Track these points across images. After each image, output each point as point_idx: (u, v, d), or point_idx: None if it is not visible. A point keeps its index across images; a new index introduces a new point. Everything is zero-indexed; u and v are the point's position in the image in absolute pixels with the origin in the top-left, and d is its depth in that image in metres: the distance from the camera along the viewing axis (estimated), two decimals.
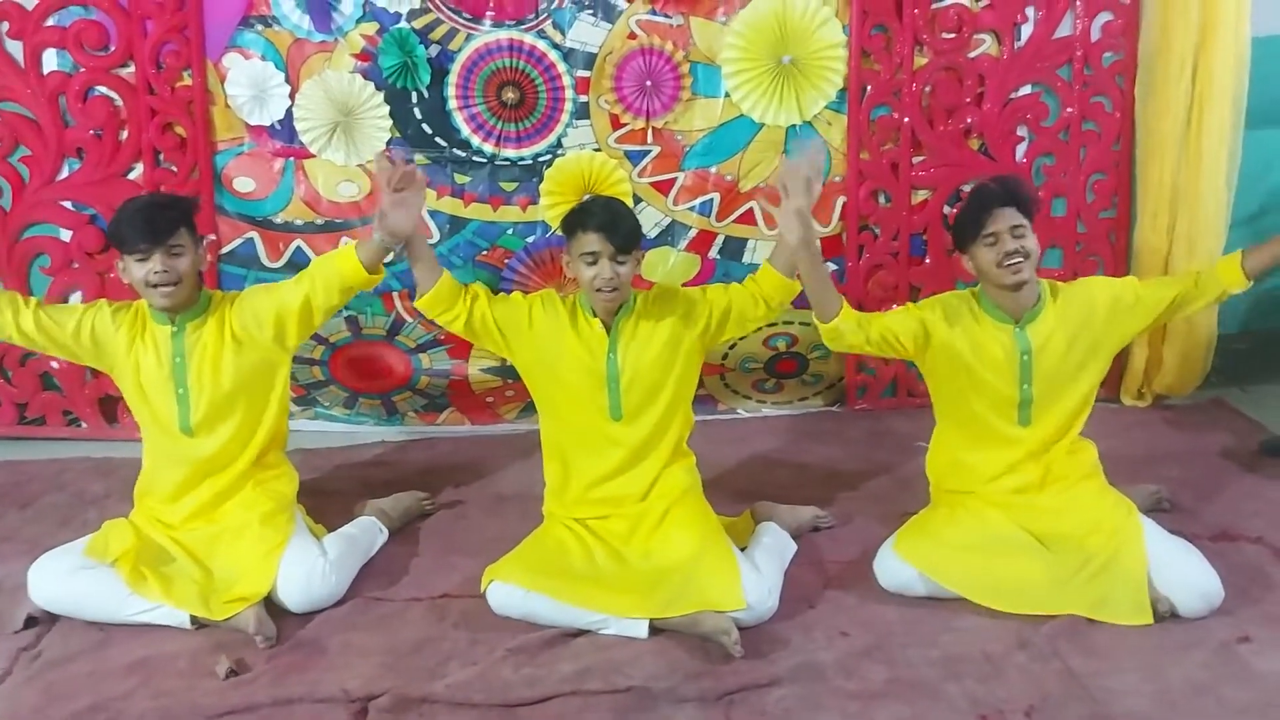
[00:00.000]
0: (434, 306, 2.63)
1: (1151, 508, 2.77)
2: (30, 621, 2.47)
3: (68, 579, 2.46)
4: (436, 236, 3.46)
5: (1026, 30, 3.57)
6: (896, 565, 2.50)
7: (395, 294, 3.49)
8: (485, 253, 3.48)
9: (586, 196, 3.24)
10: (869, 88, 3.52)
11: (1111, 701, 2.10)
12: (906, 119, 3.56)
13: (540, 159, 3.44)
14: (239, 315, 2.60)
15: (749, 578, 2.39)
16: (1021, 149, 3.65)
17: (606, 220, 2.52)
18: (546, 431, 2.70)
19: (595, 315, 2.60)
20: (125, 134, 3.39)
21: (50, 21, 3.33)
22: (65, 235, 3.48)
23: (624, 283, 2.53)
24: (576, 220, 2.56)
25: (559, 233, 3.44)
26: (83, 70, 3.35)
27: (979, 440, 2.63)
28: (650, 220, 3.48)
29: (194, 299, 2.56)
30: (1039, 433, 2.58)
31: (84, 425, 3.61)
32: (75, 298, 3.51)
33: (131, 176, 3.42)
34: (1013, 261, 2.48)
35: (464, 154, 3.42)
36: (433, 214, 3.44)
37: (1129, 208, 3.73)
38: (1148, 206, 3.65)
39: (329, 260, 2.63)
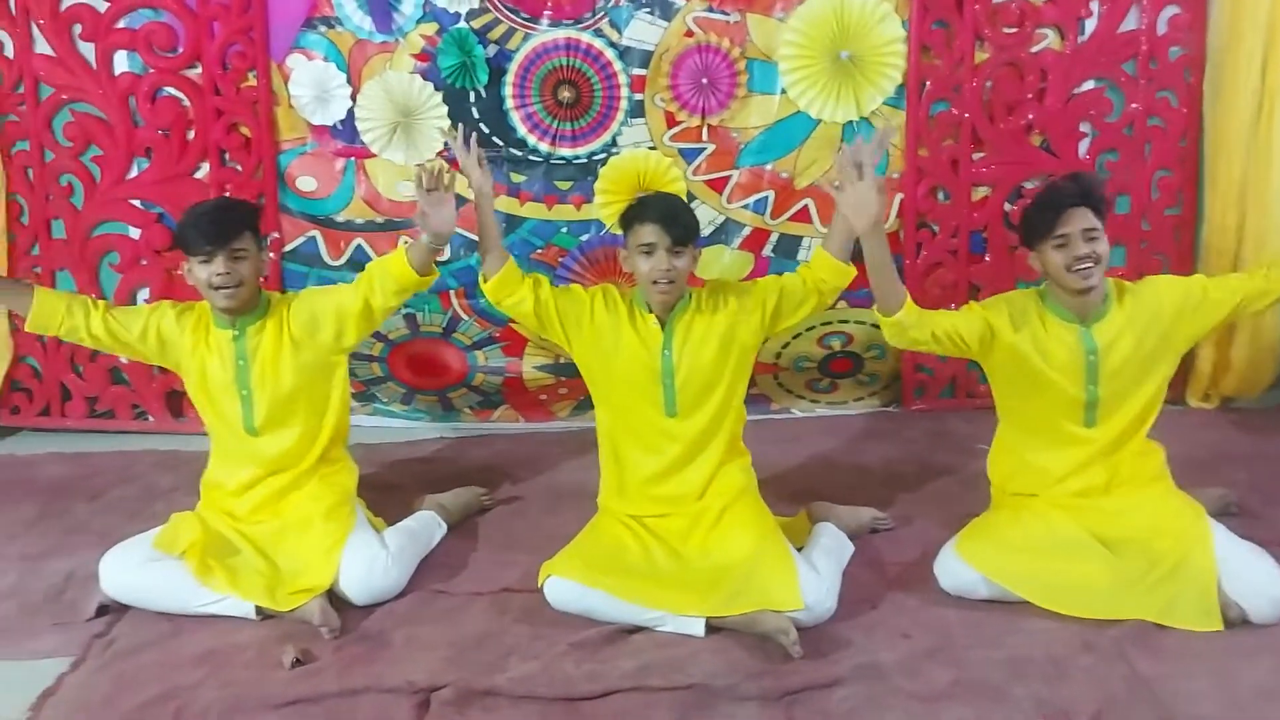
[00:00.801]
0: (500, 290, 2.65)
1: (1220, 511, 2.71)
2: (102, 610, 2.52)
3: (138, 571, 2.51)
4: None
5: (1090, 24, 3.51)
6: (959, 567, 2.47)
7: (452, 292, 3.53)
8: (540, 251, 3.50)
9: (640, 194, 3.24)
10: (928, 83, 3.49)
11: (1179, 706, 2.06)
12: (966, 115, 3.52)
13: (595, 158, 3.46)
14: (297, 317, 2.64)
15: (807, 578, 2.38)
16: (1084, 145, 3.59)
17: (664, 212, 2.53)
18: (602, 426, 2.71)
19: (651, 311, 2.61)
20: (192, 134, 3.47)
21: (121, 24, 3.42)
22: (134, 233, 3.56)
23: (680, 276, 2.53)
24: (634, 213, 2.57)
25: (613, 231, 3.50)
26: (152, 71, 3.43)
27: (1044, 442, 2.59)
28: (704, 218, 3.47)
29: (255, 302, 2.61)
30: (1106, 434, 2.54)
31: (151, 419, 3.70)
32: (143, 294, 3.60)
33: (198, 176, 3.50)
34: (1083, 266, 2.43)
35: (520, 153, 3.44)
36: None
37: (1195, 205, 3.65)
38: (1216, 204, 3.57)
39: (383, 263, 2.66)
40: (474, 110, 3.41)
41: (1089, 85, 3.55)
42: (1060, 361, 2.52)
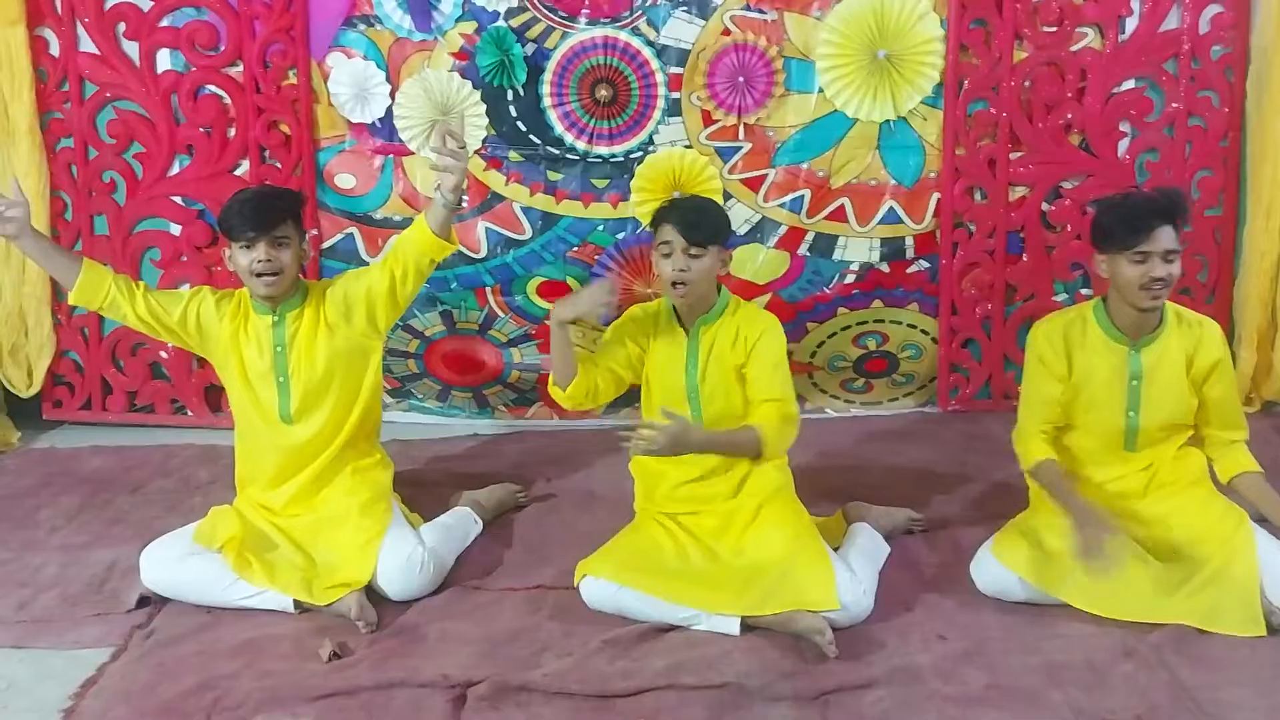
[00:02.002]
0: (575, 400, 2.64)
1: (1262, 517, 2.67)
2: (142, 601, 2.56)
3: (177, 565, 2.54)
4: (529, 233, 3.50)
5: (1131, 23, 3.48)
6: (996, 569, 2.46)
7: (489, 289, 3.54)
8: (576, 249, 3.51)
9: (676, 194, 3.24)
10: (966, 82, 3.46)
11: (1223, 715, 2.03)
12: (1005, 114, 3.49)
13: (632, 156, 3.46)
14: (331, 302, 2.65)
15: (843, 578, 2.37)
16: (1124, 145, 3.55)
17: (685, 213, 2.51)
18: None
19: (679, 320, 2.59)
20: (233, 131, 3.51)
21: (164, 22, 3.46)
22: (175, 229, 3.60)
23: (697, 278, 2.48)
24: (660, 213, 2.56)
25: (649, 230, 3.49)
26: (194, 69, 3.47)
27: (1082, 459, 2.56)
28: (740, 217, 3.48)
29: (294, 290, 2.63)
30: (1146, 457, 2.51)
31: (190, 413, 3.74)
32: (183, 290, 3.62)
33: (238, 173, 3.54)
34: (1156, 289, 2.38)
35: (557, 151, 3.45)
36: (525, 210, 3.49)
37: (1236, 206, 3.61)
38: (1259, 205, 3.53)
39: (404, 236, 2.66)
40: (512, 109, 3.43)
41: (1129, 84, 3.51)
42: (1103, 387, 2.49)
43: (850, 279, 3.56)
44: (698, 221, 2.49)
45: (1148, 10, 3.46)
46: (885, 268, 3.57)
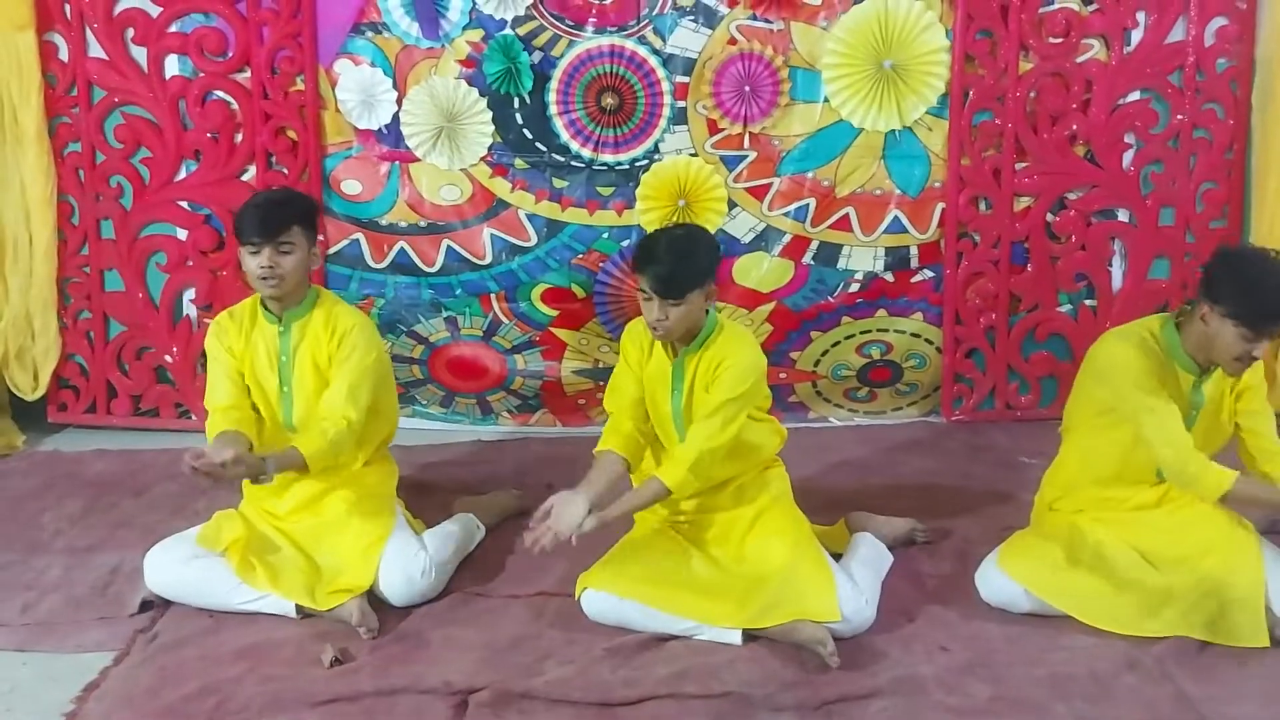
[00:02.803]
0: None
1: (1268, 528, 2.66)
2: (145, 605, 2.56)
3: (181, 567, 2.54)
4: (534, 240, 3.51)
5: (1136, 35, 3.48)
6: (1001, 580, 2.45)
7: (493, 295, 3.55)
8: (581, 256, 3.52)
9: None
10: (971, 92, 3.47)
11: None
12: (1010, 124, 3.49)
13: (637, 164, 3.47)
14: (340, 341, 2.62)
15: (845, 589, 2.37)
16: (1129, 156, 3.56)
17: (660, 268, 2.38)
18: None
19: (665, 346, 2.55)
20: (240, 137, 3.51)
21: (173, 28, 3.47)
22: (181, 234, 3.61)
23: (673, 325, 2.42)
24: (638, 259, 2.46)
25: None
26: (202, 75, 3.48)
27: (1110, 480, 2.53)
28: (745, 225, 3.49)
29: (301, 295, 2.63)
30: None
31: (194, 417, 3.73)
32: (188, 294, 3.66)
33: (245, 178, 3.54)
34: (1246, 366, 2.35)
35: (562, 159, 3.46)
36: (530, 217, 3.50)
37: (1240, 218, 3.61)
38: (1264, 217, 3.53)
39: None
40: (518, 116, 3.44)
41: (1134, 96, 3.52)
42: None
43: (854, 288, 3.57)
44: (672, 278, 2.37)
45: (1153, 22, 3.46)
46: (890, 277, 3.57)
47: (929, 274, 3.60)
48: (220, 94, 3.50)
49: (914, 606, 2.50)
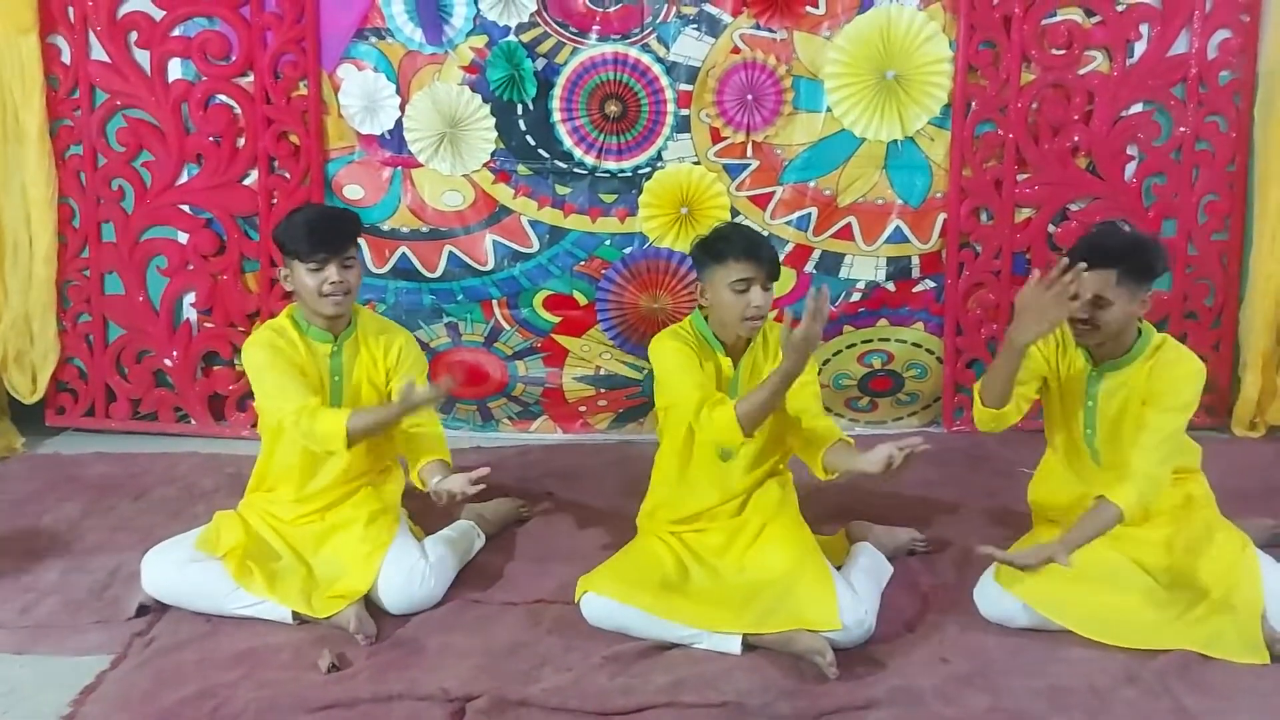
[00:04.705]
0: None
1: (1268, 543, 2.65)
2: (142, 609, 2.55)
3: (178, 571, 2.53)
4: (536, 246, 3.51)
5: (1139, 47, 3.49)
6: (999, 595, 2.44)
7: (495, 302, 3.55)
8: (583, 263, 3.52)
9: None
10: (974, 103, 3.47)
11: None
12: (1011, 135, 3.50)
13: (640, 171, 3.47)
14: (400, 361, 2.64)
15: (845, 598, 2.35)
16: (1131, 168, 3.56)
17: (753, 246, 2.45)
18: (664, 458, 2.65)
19: (722, 349, 2.55)
20: (242, 141, 3.52)
21: (176, 32, 3.48)
22: (183, 238, 3.61)
23: (768, 311, 2.49)
24: (720, 248, 2.47)
25: (656, 245, 3.50)
26: (205, 79, 3.49)
27: (1070, 472, 2.57)
28: None
29: (350, 313, 2.62)
30: (1115, 475, 2.46)
31: (194, 422, 3.74)
32: (189, 298, 3.66)
33: (247, 182, 3.55)
34: (1077, 327, 2.39)
35: (565, 166, 3.47)
36: (533, 224, 3.50)
37: (1242, 230, 3.61)
38: (1265, 230, 3.53)
39: (421, 438, 2.65)
40: (521, 123, 3.44)
41: (1137, 108, 3.52)
42: (1071, 398, 2.52)
43: (856, 297, 3.57)
44: (769, 253, 2.47)
45: (1156, 34, 3.47)
46: (891, 287, 3.57)
47: (930, 284, 3.60)
48: (223, 98, 3.50)
49: (913, 617, 2.49)
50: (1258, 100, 3.51)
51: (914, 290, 3.59)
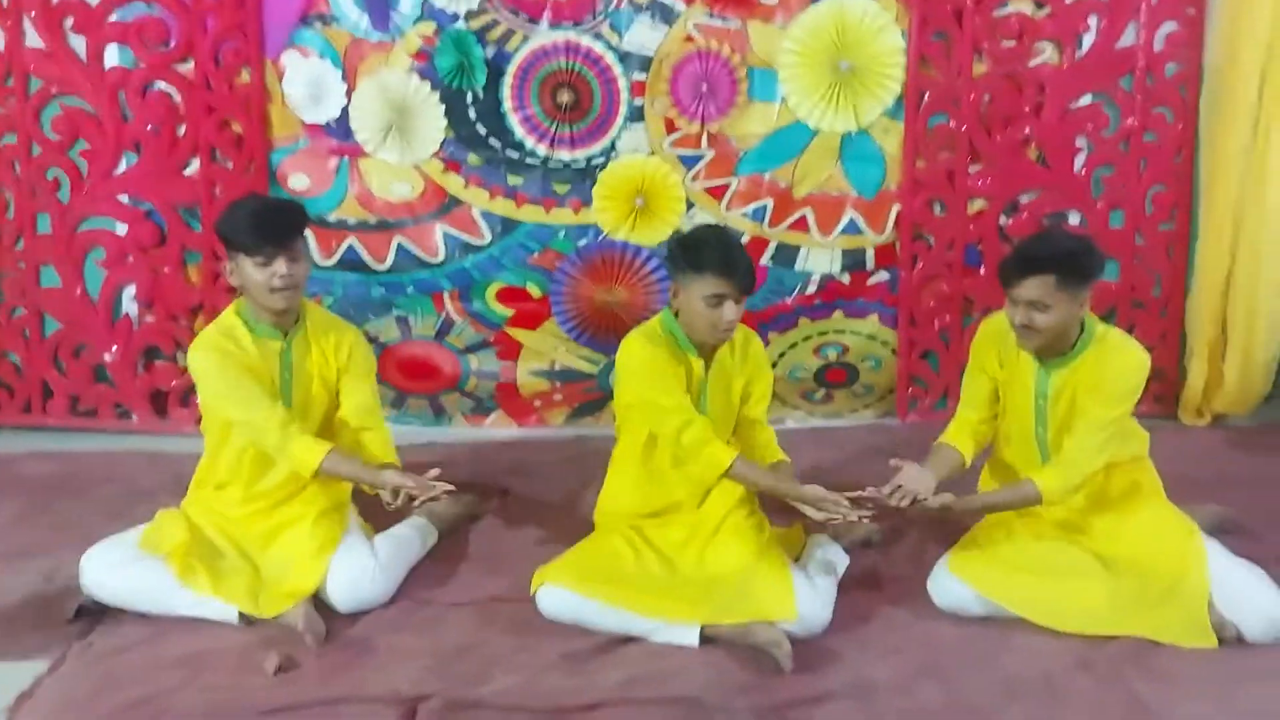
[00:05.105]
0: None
1: (1215, 529, 2.69)
2: (81, 611, 2.47)
3: (120, 570, 2.46)
4: (488, 238, 3.46)
5: (1088, 39, 3.52)
6: (952, 584, 2.45)
7: (445, 294, 3.49)
8: (537, 255, 3.48)
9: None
10: (927, 95, 3.48)
11: None
12: (964, 127, 3.51)
13: (594, 162, 3.43)
14: (352, 358, 2.61)
15: (802, 590, 2.36)
16: (1080, 160, 3.59)
17: (731, 261, 2.40)
18: (623, 454, 2.64)
19: (694, 350, 2.52)
20: (183, 129, 3.42)
21: (113, 17, 3.37)
22: (121, 229, 3.51)
23: (739, 321, 2.47)
24: (698, 259, 2.41)
25: (611, 236, 3.47)
26: (143, 66, 3.39)
27: (1019, 465, 2.59)
28: None
29: (298, 308, 2.56)
30: None
31: (135, 418, 3.64)
32: (129, 291, 3.56)
33: (188, 172, 3.45)
34: (1018, 331, 2.42)
35: (517, 155, 3.42)
36: (485, 215, 3.45)
37: (1189, 221, 3.66)
38: (1211, 221, 3.58)
39: (368, 448, 2.62)
40: (471, 111, 3.39)
41: (1086, 100, 3.55)
42: (1020, 398, 2.53)
43: (811, 289, 3.56)
44: (745, 267, 2.42)
45: (1104, 27, 3.50)
46: (846, 279, 3.57)
47: (885, 276, 3.61)
48: (162, 85, 3.40)
49: (869, 608, 2.49)
50: (1203, 92, 3.55)
51: (869, 282, 3.60)
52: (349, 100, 3.36)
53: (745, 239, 3.49)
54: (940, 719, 2.09)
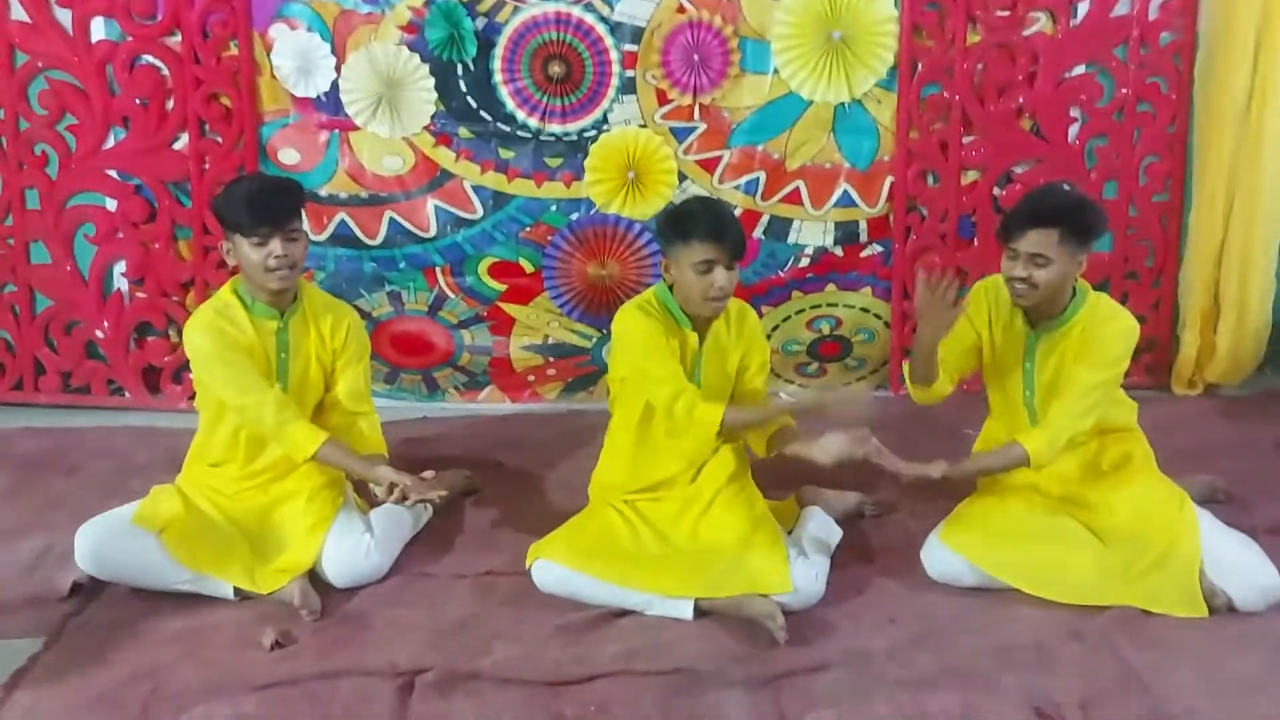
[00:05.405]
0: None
1: (1206, 499, 2.71)
2: (76, 588, 2.47)
3: (115, 546, 2.44)
4: (480, 212, 3.44)
5: (1082, 8, 3.50)
6: (945, 555, 2.46)
7: (438, 269, 3.48)
8: (528, 229, 3.46)
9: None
10: (920, 65, 3.46)
11: (1169, 697, 2.05)
12: (957, 97, 3.49)
13: (585, 135, 3.41)
14: (343, 340, 2.60)
15: (796, 562, 2.37)
16: (1074, 130, 3.58)
17: (721, 229, 2.40)
18: (617, 428, 2.64)
19: (688, 323, 2.52)
20: (171, 103, 3.39)
21: None
22: (111, 205, 3.48)
23: (732, 291, 2.46)
24: (687, 227, 2.41)
25: (603, 210, 3.46)
26: (130, 39, 3.35)
27: (1008, 434, 2.59)
28: None
29: (295, 288, 2.55)
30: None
31: (128, 395, 3.63)
32: (119, 267, 3.54)
33: (177, 146, 3.42)
34: (1015, 286, 2.42)
35: (508, 128, 3.39)
36: (476, 189, 3.43)
37: (1182, 191, 3.65)
38: (1204, 190, 3.57)
39: (359, 439, 2.62)
40: (462, 84, 3.36)
41: (1080, 69, 3.53)
42: (1010, 361, 2.54)
43: (804, 262, 3.55)
44: (734, 234, 2.42)
45: None
46: (839, 251, 3.56)
47: (878, 248, 3.60)
48: (149, 59, 3.36)
49: (862, 580, 2.50)
50: (1198, 62, 3.53)
51: (862, 255, 3.59)
52: (338, 73, 3.32)
53: (737, 212, 3.46)
54: (935, 686, 2.11)
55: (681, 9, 3.35)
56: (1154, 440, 2.64)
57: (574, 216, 3.45)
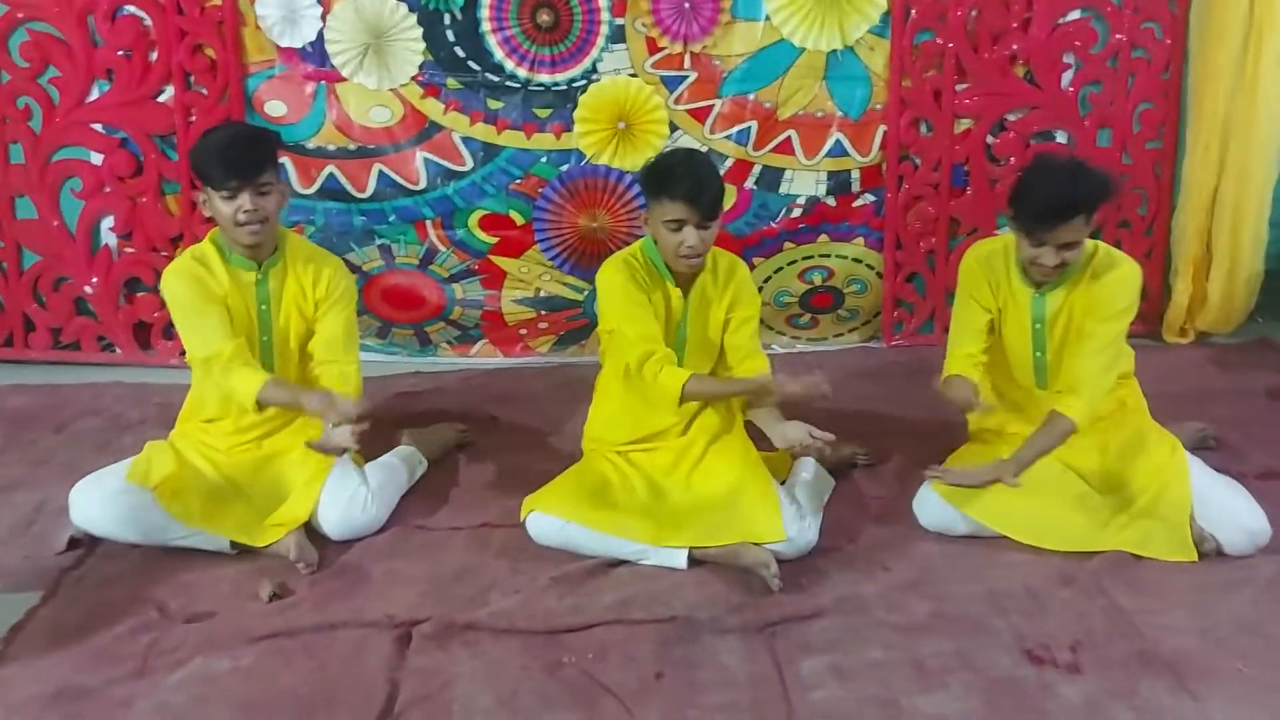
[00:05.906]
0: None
1: (1197, 445, 2.74)
2: (73, 543, 2.48)
3: (110, 503, 2.45)
4: (470, 164, 3.41)
5: None
6: (937, 504, 2.48)
7: (429, 222, 3.45)
8: (519, 181, 3.43)
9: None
10: (913, 11, 3.42)
11: (1159, 639, 2.08)
12: (950, 44, 3.46)
13: (575, 84, 3.37)
14: (324, 289, 2.56)
15: (789, 511, 2.38)
16: (1068, 76, 3.55)
17: (692, 188, 2.35)
18: (608, 380, 2.64)
19: (672, 278, 2.51)
20: (155, 55, 3.34)
21: None
22: (96, 159, 3.44)
23: (707, 248, 2.44)
24: (659, 184, 2.39)
25: (593, 161, 3.42)
26: None
27: (1008, 389, 2.61)
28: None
29: (274, 239, 2.52)
30: (1060, 391, 2.51)
31: (118, 351, 3.61)
32: (106, 222, 3.50)
33: (162, 99, 3.37)
34: (1044, 270, 2.40)
35: (497, 79, 3.35)
36: (465, 140, 3.39)
37: (1176, 139, 3.63)
38: (1199, 138, 3.56)
39: (325, 379, 2.55)
40: (449, 33, 3.31)
41: (1074, 15, 3.50)
42: (1015, 324, 2.54)
43: (796, 213, 3.54)
44: (707, 195, 2.36)
45: None
46: (831, 201, 3.55)
47: (870, 198, 3.58)
48: (132, 9, 3.31)
49: (856, 528, 2.52)
50: (1193, 6, 3.50)
51: (854, 205, 3.57)
52: (324, 23, 3.27)
53: (729, 163, 3.45)
54: (928, 631, 2.13)
55: None
56: (1146, 388, 2.66)
57: (564, 168, 3.42)
